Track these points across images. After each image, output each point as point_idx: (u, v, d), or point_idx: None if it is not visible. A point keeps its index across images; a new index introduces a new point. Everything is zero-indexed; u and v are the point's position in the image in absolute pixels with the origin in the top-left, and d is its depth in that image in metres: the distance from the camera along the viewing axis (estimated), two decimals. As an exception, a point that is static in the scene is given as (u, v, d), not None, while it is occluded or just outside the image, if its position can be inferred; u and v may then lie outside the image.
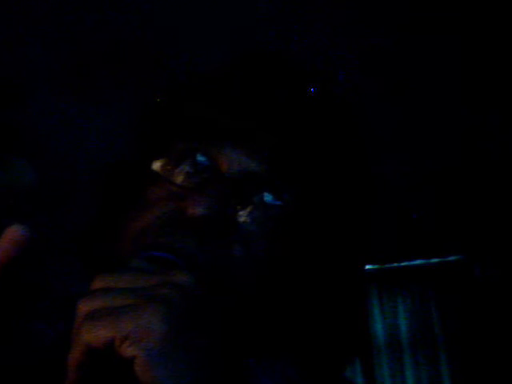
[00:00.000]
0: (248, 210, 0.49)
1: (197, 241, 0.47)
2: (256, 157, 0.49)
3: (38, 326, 0.50)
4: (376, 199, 0.55)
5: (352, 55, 1.74)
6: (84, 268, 0.54)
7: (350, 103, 0.55)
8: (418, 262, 3.50)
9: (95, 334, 0.38)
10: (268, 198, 0.49)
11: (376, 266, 3.48)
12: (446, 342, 3.40)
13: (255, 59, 0.55)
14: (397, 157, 2.51)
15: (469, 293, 3.36)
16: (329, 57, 1.71)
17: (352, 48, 1.75)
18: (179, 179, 0.51)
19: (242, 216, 0.49)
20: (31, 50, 1.32)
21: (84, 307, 0.40)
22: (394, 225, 2.98)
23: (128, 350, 0.37)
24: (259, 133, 0.50)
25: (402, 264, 3.51)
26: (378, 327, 3.49)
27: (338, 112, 0.55)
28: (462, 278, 3.41)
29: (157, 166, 0.52)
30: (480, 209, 2.86)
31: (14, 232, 0.40)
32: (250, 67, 0.54)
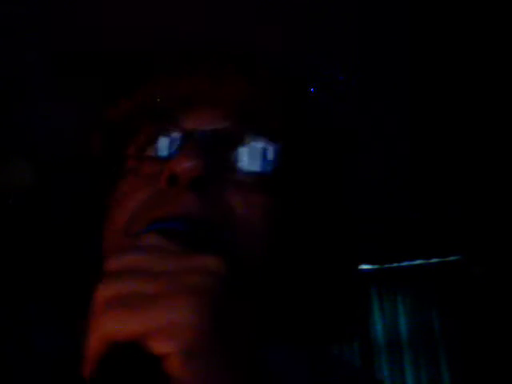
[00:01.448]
0: (230, 166, 0.49)
1: (194, 198, 0.46)
2: (226, 117, 0.50)
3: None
4: (354, 151, 0.56)
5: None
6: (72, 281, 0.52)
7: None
8: (418, 261, 3.50)
9: (120, 326, 0.34)
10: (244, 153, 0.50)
11: (376, 266, 3.48)
12: (446, 342, 3.40)
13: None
14: (397, 156, 2.51)
15: (469, 293, 3.36)
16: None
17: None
18: (157, 153, 0.51)
19: (228, 171, 0.49)
20: (29, 50, 1.32)
21: (105, 291, 0.35)
22: (394, 225, 2.98)
23: (159, 346, 0.34)
24: (226, 95, 0.51)
25: (402, 264, 3.51)
26: (378, 327, 3.49)
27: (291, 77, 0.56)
28: (462, 277, 3.41)
29: (133, 149, 0.51)
30: (480, 209, 2.86)
31: None
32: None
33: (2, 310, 0.49)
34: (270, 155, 0.51)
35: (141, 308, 0.34)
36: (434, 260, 3.50)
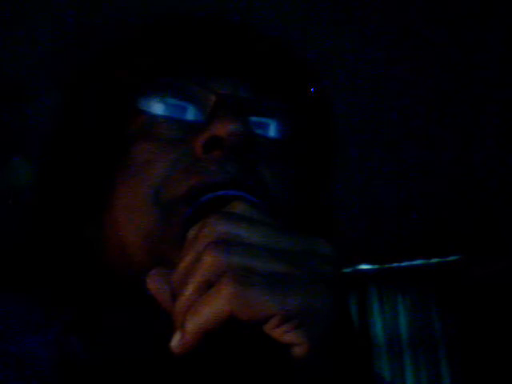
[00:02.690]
0: (256, 134, 0.48)
1: (239, 164, 0.43)
2: (250, 85, 0.49)
3: None
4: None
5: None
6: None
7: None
8: (418, 261, 3.50)
9: (248, 303, 0.30)
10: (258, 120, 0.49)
11: (376, 266, 3.48)
12: (446, 342, 3.40)
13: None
14: (397, 157, 2.50)
15: (469, 293, 3.36)
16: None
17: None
18: (181, 116, 0.47)
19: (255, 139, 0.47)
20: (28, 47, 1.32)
21: (224, 259, 0.31)
22: (394, 225, 2.98)
23: (289, 335, 0.30)
24: (240, 67, 0.49)
25: (402, 264, 3.50)
26: (378, 327, 3.49)
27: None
28: (462, 277, 3.41)
29: (155, 110, 0.47)
30: (480, 208, 2.86)
31: None
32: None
33: None
34: (288, 125, 0.50)
35: (275, 288, 0.30)
36: (434, 260, 3.50)
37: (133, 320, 0.45)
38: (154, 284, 0.36)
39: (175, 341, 0.32)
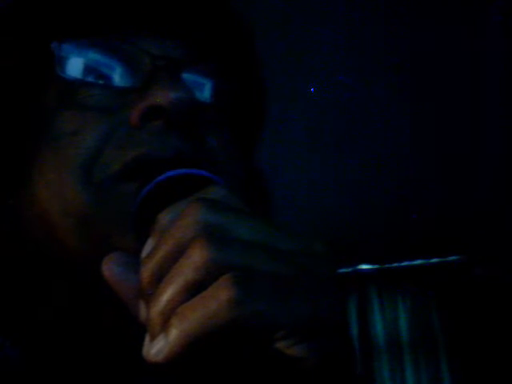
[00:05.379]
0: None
1: (183, 137, 0.39)
2: (187, 46, 0.44)
3: None
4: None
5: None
6: None
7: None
8: (418, 261, 3.50)
9: (251, 311, 0.25)
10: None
11: (376, 266, 3.47)
12: (446, 342, 3.40)
13: None
14: (396, 156, 2.50)
15: (469, 293, 3.35)
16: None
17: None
18: (109, 81, 0.41)
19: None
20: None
21: (220, 257, 0.26)
22: (394, 225, 2.97)
23: (297, 349, 0.26)
24: (174, 23, 0.44)
25: (402, 264, 3.50)
26: (378, 327, 3.48)
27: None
28: (462, 277, 3.41)
29: (74, 70, 0.41)
30: (480, 208, 2.86)
31: None
32: None
33: None
34: (224, 87, 0.45)
35: (281, 295, 0.26)
36: (434, 260, 3.49)
37: (75, 318, 0.40)
38: (113, 272, 0.31)
39: (156, 348, 0.26)
